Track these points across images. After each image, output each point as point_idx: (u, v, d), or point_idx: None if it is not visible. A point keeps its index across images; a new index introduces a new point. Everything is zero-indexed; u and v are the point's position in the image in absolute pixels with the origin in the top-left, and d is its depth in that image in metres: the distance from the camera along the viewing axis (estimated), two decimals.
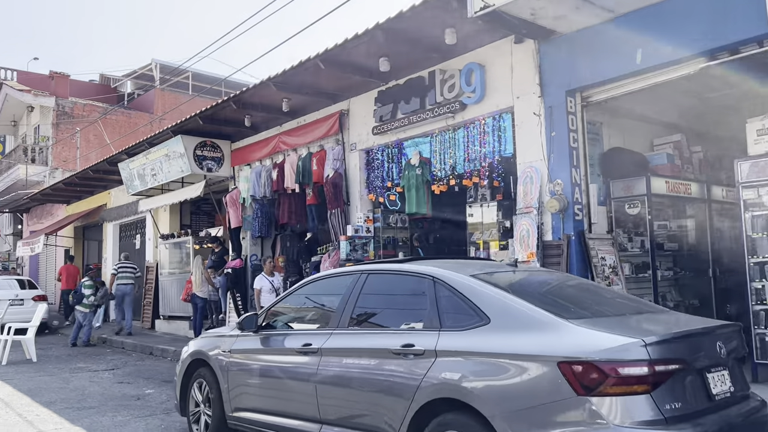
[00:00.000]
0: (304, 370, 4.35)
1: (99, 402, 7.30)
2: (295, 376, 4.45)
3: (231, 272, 11.71)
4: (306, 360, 4.36)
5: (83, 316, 13.07)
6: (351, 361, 4.07)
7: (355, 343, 4.11)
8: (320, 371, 4.21)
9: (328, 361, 4.20)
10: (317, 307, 4.88)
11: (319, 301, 4.87)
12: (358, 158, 9.70)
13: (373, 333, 4.10)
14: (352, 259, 9.13)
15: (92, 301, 13.07)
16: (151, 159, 13.27)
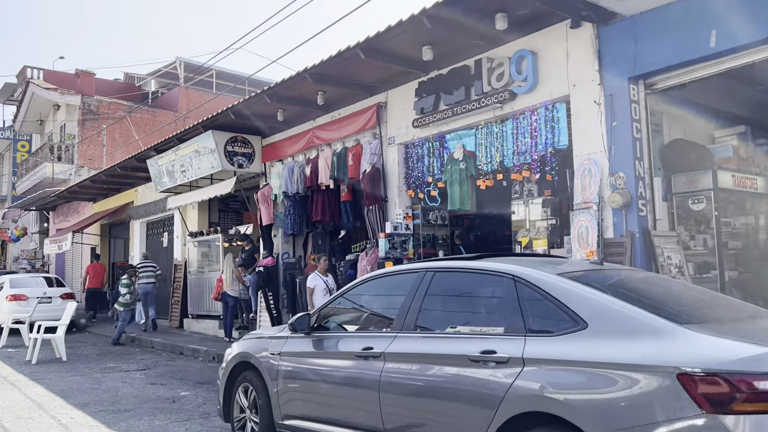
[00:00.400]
0: (366, 376, 3.98)
1: (134, 404, 7.01)
2: (354, 383, 4.08)
3: (263, 270, 11.41)
4: (367, 365, 4.00)
5: (123, 314, 13.04)
6: (420, 367, 3.69)
7: (424, 348, 3.73)
8: (384, 378, 3.84)
9: (392, 367, 3.83)
10: (376, 308, 4.51)
11: (378, 301, 4.50)
12: (397, 152, 9.33)
13: (444, 337, 3.71)
14: (392, 257, 8.76)
15: (128, 299, 12.96)
16: (180, 155, 13.02)
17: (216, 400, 7.13)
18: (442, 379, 3.54)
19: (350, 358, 4.15)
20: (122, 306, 12.99)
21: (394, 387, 3.79)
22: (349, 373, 4.14)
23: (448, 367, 3.53)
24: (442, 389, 3.53)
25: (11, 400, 7.27)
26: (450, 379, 3.50)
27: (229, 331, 11.83)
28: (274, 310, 11.41)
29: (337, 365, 4.27)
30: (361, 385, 4.02)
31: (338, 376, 4.23)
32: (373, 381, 3.91)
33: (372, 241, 9.39)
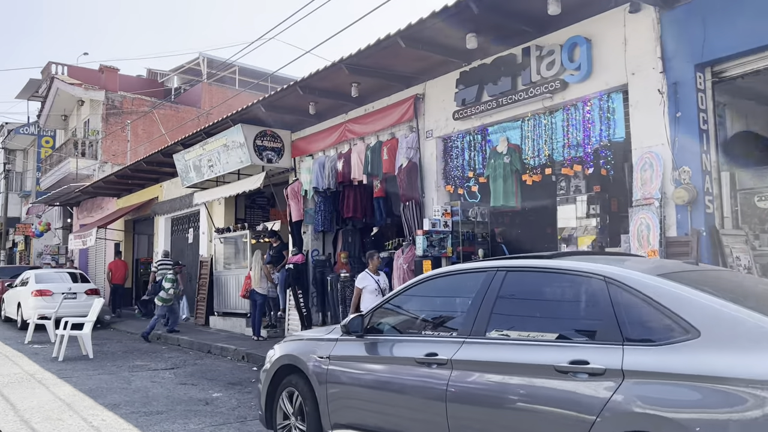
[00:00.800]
0: (429, 384, 3.63)
1: (166, 406, 6.72)
2: (416, 392, 3.73)
3: (292, 268, 11.10)
4: (431, 373, 3.64)
5: (161, 309, 12.88)
6: (495, 377, 3.32)
7: (499, 356, 3.36)
8: (452, 387, 3.48)
9: (462, 376, 3.46)
10: (437, 310, 4.15)
11: (439, 302, 4.14)
12: (435, 146, 8.95)
13: (522, 344, 3.34)
14: (429, 255, 8.40)
15: (170, 294, 12.80)
16: (208, 150, 12.76)
17: (251, 403, 6.87)
18: (522, 392, 3.17)
19: (410, 365, 3.80)
20: (162, 301, 12.80)
21: (465, 398, 3.42)
22: (410, 381, 3.78)
23: (529, 379, 3.16)
24: (523, 403, 3.16)
25: (40, 400, 7.03)
26: (532, 392, 3.13)
27: (258, 330, 11.55)
28: (303, 308, 11.10)
29: (395, 372, 3.91)
30: (425, 395, 3.66)
31: (396, 384, 3.87)
32: (438, 391, 3.55)
33: (408, 238, 9.03)
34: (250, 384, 8.07)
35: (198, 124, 23.15)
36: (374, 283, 8.17)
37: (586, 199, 7.81)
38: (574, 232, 8.05)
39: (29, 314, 14.29)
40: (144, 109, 26.39)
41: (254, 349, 10.40)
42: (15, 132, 32.90)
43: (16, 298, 15.51)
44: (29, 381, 8.21)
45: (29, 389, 7.63)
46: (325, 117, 11.14)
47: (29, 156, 34.71)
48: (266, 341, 11.44)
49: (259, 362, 9.67)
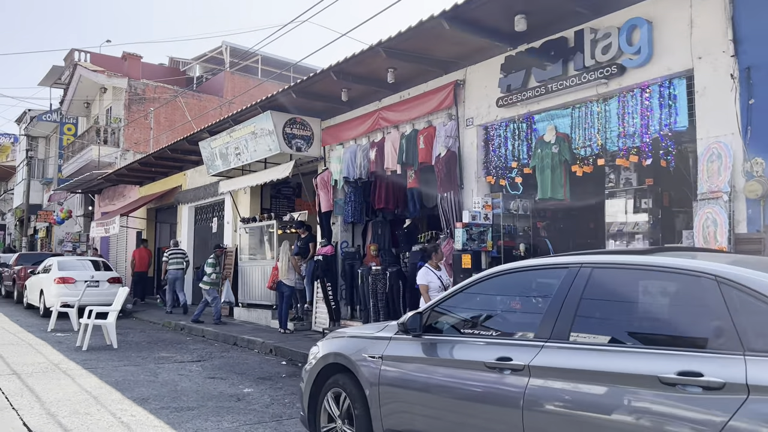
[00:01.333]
0: (502, 392, 3.26)
1: (196, 402, 6.43)
2: (485, 399, 3.36)
3: (321, 260, 10.77)
4: (503, 379, 3.27)
5: (206, 293, 12.76)
6: (584, 387, 2.94)
7: (588, 363, 2.97)
8: (530, 396, 3.11)
9: (542, 384, 3.08)
10: (507, 309, 3.77)
11: (510, 301, 3.76)
12: (476, 135, 8.55)
13: (614, 351, 2.94)
14: (469, 249, 8.02)
15: (213, 278, 12.67)
16: (235, 137, 12.47)
17: (285, 400, 6.55)
18: (618, 406, 2.78)
19: (478, 369, 3.43)
20: (207, 285, 12.67)
21: (546, 409, 3.04)
22: (478, 387, 3.41)
23: (627, 391, 2.77)
24: (619, 417, 2.78)
25: (66, 392, 6.77)
26: (631, 407, 2.74)
27: (284, 322, 11.25)
28: (332, 301, 10.78)
29: (460, 376, 3.54)
30: (496, 403, 3.29)
31: (461, 390, 3.51)
32: (512, 399, 3.18)
33: (446, 231, 8.66)
34: (281, 379, 7.76)
35: (220, 113, 22.93)
36: (437, 279, 7.33)
37: (638, 193, 7.40)
38: (623, 227, 7.63)
39: (52, 302, 14.15)
40: (166, 97, 26.22)
41: (282, 342, 10.11)
42: (38, 119, 32.96)
43: (39, 285, 15.39)
44: (54, 371, 7.98)
45: (54, 380, 7.39)
46: (358, 104, 10.78)
47: (51, 143, 34.79)
48: (293, 334, 11.16)
49: (288, 356, 9.39)
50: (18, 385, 7.03)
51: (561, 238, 8.92)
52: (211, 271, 12.67)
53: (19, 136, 40.47)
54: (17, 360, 8.72)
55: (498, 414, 3.29)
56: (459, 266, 8.01)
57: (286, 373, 8.23)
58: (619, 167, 7.34)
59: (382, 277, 9.62)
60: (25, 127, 36.06)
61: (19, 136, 40.20)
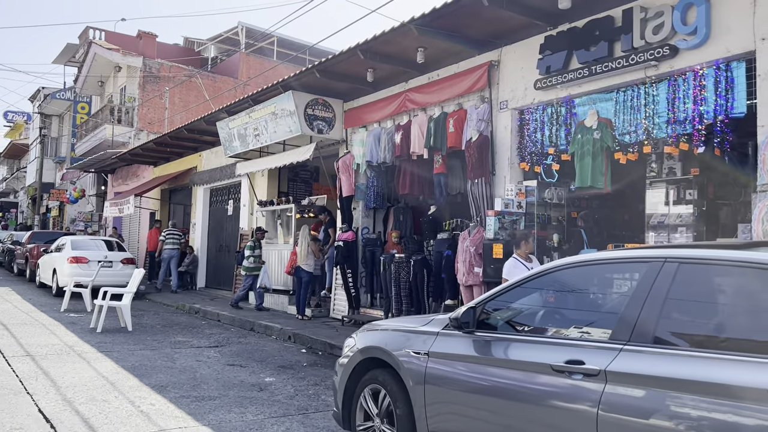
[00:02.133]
0: (572, 399, 2.92)
1: (217, 391, 6.15)
2: (551, 406, 3.03)
3: (342, 245, 10.46)
4: (573, 384, 2.93)
5: (245, 279, 12.39)
6: (677, 399, 2.58)
7: (682, 372, 2.60)
8: (606, 406, 2.77)
9: (622, 393, 2.74)
10: (575, 306, 3.43)
11: (576, 297, 3.42)
12: (510, 119, 8.16)
13: (718, 358, 2.57)
14: (501, 238, 7.66)
15: (251, 262, 12.18)
16: (254, 118, 12.12)
17: (309, 391, 6.26)
18: (723, 422, 2.44)
19: (543, 372, 3.09)
20: (246, 270, 12.24)
21: (627, 422, 2.70)
22: (541, 392, 3.08)
23: (735, 405, 2.42)
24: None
25: (81, 376, 6.52)
26: (735, 425, 2.40)
27: (302, 309, 10.98)
28: (352, 288, 10.48)
29: (520, 379, 3.21)
30: (564, 411, 2.96)
31: (521, 394, 3.17)
32: (584, 408, 2.85)
33: (476, 219, 8.30)
34: (302, 368, 7.48)
35: (235, 94, 22.59)
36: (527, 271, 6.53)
37: (682, 183, 7.02)
38: (664, 219, 7.26)
39: (65, 281, 13.95)
40: (181, 77, 25.89)
41: (300, 329, 9.83)
42: (51, 97, 32.76)
43: (52, 264, 15.19)
44: (68, 354, 7.74)
45: (69, 363, 7.15)
46: (383, 86, 10.40)
47: (65, 121, 34.61)
48: (310, 321, 10.88)
49: (307, 343, 9.11)
50: (32, 368, 6.79)
51: (595, 229, 8.55)
52: (249, 254, 12.16)
53: (32, 114, 40.36)
54: (31, 341, 8.49)
55: (566, 423, 2.95)
56: (490, 256, 7.67)
57: (307, 361, 7.95)
58: (662, 156, 6.97)
59: (406, 265, 9.30)
60: (38, 104, 35.90)
61: (32, 114, 40.08)
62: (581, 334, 3.19)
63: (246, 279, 12.28)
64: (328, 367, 7.63)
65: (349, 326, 10.30)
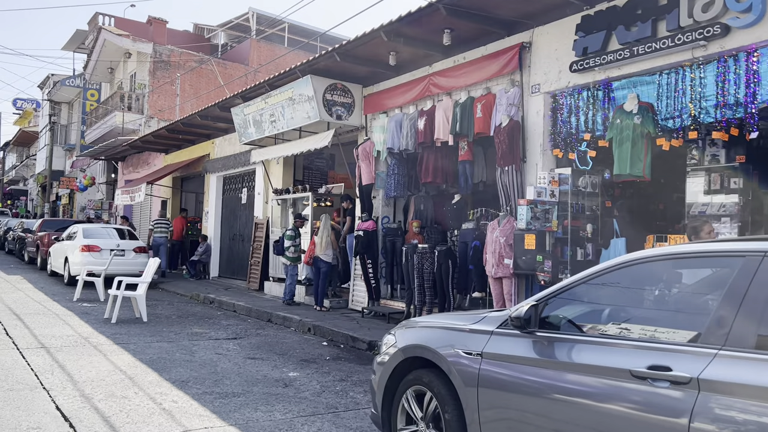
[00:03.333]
0: (657, 409, 2.61)
1: (240, 386, 5.88)
2: (631, 416, 2.70)
3: (362, 235, 10.16)
4: (657, 393, 2.61)
5: (285, 270, 11.60)
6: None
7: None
8: (700, 420, 2.45)
9: (719, 404, 2.42)
10: (652, 306, 3.10)
11: (655, 295, 3.09)
12: (542, 103, 7.80)
13: None
14: (533, 228, 7.33)
15: (293, 253, 11.31)
16: (270, 103, 11.80)
17: (336, 387, 5.99)
18: None
19: (620, 378, 2.77)
20: (290, 260, 11.35)
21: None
22: (619, 400, 2.76)
23: None
24: None
25: (99, 370, 6.26)
26: None
27: (321, 300, 10.70)
28: (372, 279, 10.19)
29: (592, 384, 2.88)
30: (647, 422, 2.64)
31: (594, 401, 2.85)
32: (673, 419, 2.53)
33: (505, 208, 7.97)
34: (326, 362, 7.20)
35: (246, 81, 22.26)
36: None
37: (726, 171, 6.65)
38: (705, 208, 6.90)
39: (77, 270, 13.74)
40: (191, 64, 25.57)
41: (320, 320, 9.56)
42: (61, 84, 32.54)
43: (63, 253, 14.98)
44: (84, 346, 7.49)
45: (86, 356, 6.90)
46: (405, 70, 10.04)
47: (74, 109, 34.41)
48: (329, 312, 10.61)
49: (327, 336, 8.83)
50: (48, 361, 6.54)
51: (628, 219, 8.19)
52: (289, 244, 11.28)
53: (41, 101, 40.19)
54: (45, 332, 8.26)
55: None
56: (521, 247, 7.35)
57: (330, 355, 7.67)
58: (704, 142, 6.60)
59: (430, 255, 8.98)
60: (48, 92, 35.70)
61: (41, 101, 39.90)
62: (662, 335, 2.86)
63: (292, 269, 11.43)
64: (351, 360, 7.36)
65: (369, 318, 10.02)
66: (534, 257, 7.27)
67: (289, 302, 11.32)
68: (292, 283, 11.41)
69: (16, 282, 14.49)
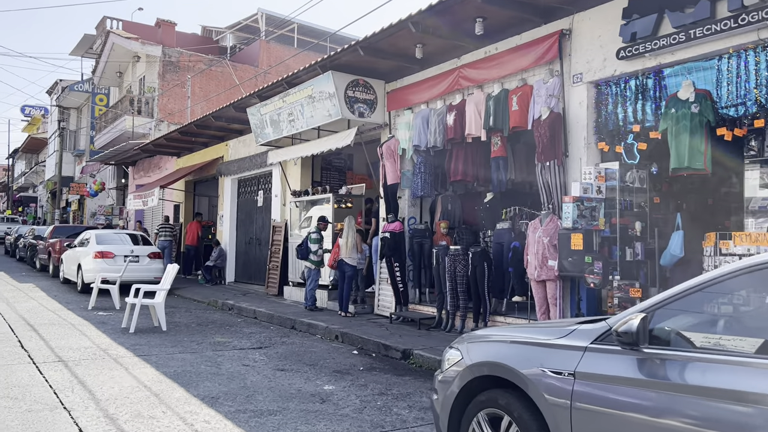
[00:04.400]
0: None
1: (275, 403, 5.44)
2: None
3: (389, 237, 9.70)
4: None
5: (308, 273, 10.95)
6: None
7: None
8: None
9: None
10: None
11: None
12: (585, 93, 7.33)
13: None
14: (580, 227, 6.86)
15: (319, 255, 10.73)
16: (289, 102, 11.37)
17: (377, 402, 5.52)
18: None
19: (760, 403, 2.30)
20: (314, 264, 10.80)
21: None
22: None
23: None
24: None
25: (122, 386, 5.84)
26: None
27: (346, 305, 10.26)
28: (400, 283, 9.73)
29: (727, 412, 2.42)
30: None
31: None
32: None
33: (546, 206, 7.49)
34: (360, 373, 6.75)
35: (255, 83, 21.87)
36: None
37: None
38: (766, 203, 6.41)
39: (91, 277, 13.37)
40: (201, 66, 25.22)
41: (346, 327, 9.11)
42: (69, 89, 32.26)
43: (76, 260, 14.60)
44: (103, 359, 7.07)
45: (106, 370, 6.47)
46: (432, 63, 9.60)
47: (83, 114, 34.16)
48: (354, 318, 10.16)
49: (357, 343, 8.38)
50: (66, 377, 6.12)
51: (683, 216, 7.69)
52: (316, 248, 10.73)
53: (49, 108, 39.99)
54: (61, 343, 7.85)
55: None
56: (567, 248, 6.87)
57: (363, 365, 7.21)
58: (763, 132, 6.11)
59: (463, 257, 8.52)
60: (56, 97, 35.46)
61: (50, 106, 39.70)
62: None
63: (315, 274, 10.93)
64: (386, 371, 6.91)
65: (398, 324, 9.57)
66: (581, 258, 6.79)
67: (311, 308, 10.87)
68: (314, 288, 10.96)
69: (28, 290, 14.13)
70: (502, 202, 9.47)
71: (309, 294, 10.93)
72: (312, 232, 10.99)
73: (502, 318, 8.28)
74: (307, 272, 10.98)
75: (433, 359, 7.02)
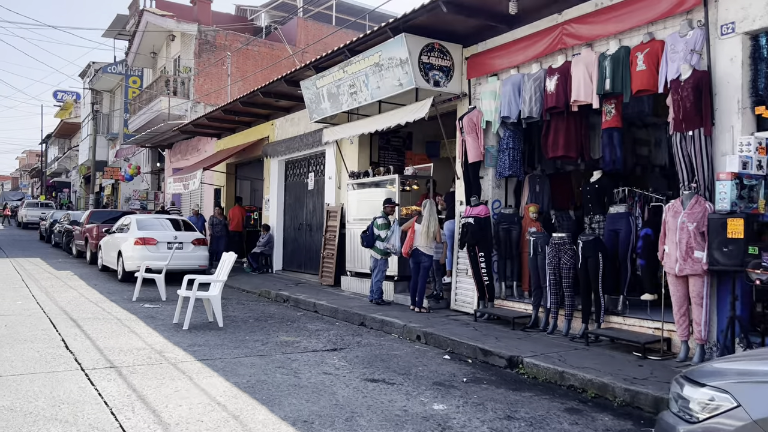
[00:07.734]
0: None
1: (384, 429, 4.30)
2: None
3: (473, 222, 8.49)
4: None
5: (374, 263, 9.78)
6: None
7: None
8: None
9: None
10: None
11: None
12: (740, 47, 5.98)
13: None
14: (737, 210, 5.56)
15: (386, 245, 9.56)
16: (350, 72, 10.17)
17: (510, 428, 4.35)
18: None
19: None
20: (381, 254, 9.67)
21: None
22: None
23: None
24: None
25: (190, 403, 4.76)
26: None
27: (420, 300, 9.10)
28: (485, 276, 8.53)
29: None
30: None
31: None
32: None
33: (689, 185, 6.19)
34: (467, 387, 5.58)
35: (293, 63, 20.72)
36: None
37: None
38: None
39: (132, 265, 12.47)
40: (237, 45, 24.16)
41: (426, 325, 7.96)
42: (102, 71, 31.49)
43: (116, 246, 13.69)
44: (161, 364, 6.02)
45: (168, 380, 5.41)
46: (524, 21, 8.31)
47: (116, 97, 33.45)
48: (429, 313, 8.99)
49: (445, 346, 7.19)
50: (122, 389, 5.07)
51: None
52: (385, 234, 9.57)
53: (82, 91, 39.43)
54: (110, 344, 6.84)
55: None
56: (721, 236, 5.58)
57: (464, 375, 6.03)
58: None
59: (570, 247, 7.28)
60: (89, 80, 34.81)
61: (83, 90, 39.15)
62: None
63: (382, 264, 9.77)
64: (497, 383, 5.73)
65: (484, 322, 8.37)
66: (742, 248, 5.50)
67: (378, 301, 9.74)
68: (380, 279, 9.81)
69: (66, 278, 13.26)
70: (609, 182, 8.16)
71: (375, 286, 9.79)
72: (377, 217, 9.82)
73: (620, 319, 7.02)
74: (373, 262, 9.83)
75: (551, 370, 5.83)
